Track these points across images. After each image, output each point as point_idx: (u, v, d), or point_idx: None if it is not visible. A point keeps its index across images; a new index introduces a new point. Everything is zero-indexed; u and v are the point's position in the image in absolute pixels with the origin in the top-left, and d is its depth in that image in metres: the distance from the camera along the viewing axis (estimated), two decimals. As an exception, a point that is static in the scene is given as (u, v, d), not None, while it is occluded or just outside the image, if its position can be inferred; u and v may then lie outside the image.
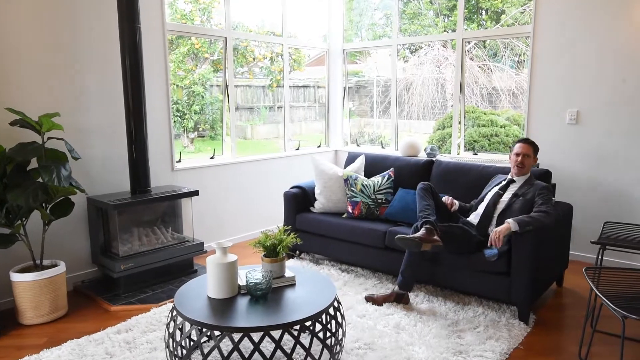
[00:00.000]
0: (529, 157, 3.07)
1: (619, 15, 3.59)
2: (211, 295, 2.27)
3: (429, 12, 6.06)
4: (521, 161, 3.06)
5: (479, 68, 5.88)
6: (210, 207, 4.31)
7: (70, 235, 3.42)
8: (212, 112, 6.63)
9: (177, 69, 6.57)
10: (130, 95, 3.36)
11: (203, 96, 6.78)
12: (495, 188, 3.17)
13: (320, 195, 3.90)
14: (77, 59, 3.35)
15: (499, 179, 3.27)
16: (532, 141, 3.11)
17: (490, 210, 3.08)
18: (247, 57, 6.42)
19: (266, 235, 2.43)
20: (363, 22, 5.85)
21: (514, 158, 3.10)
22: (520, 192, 3.04)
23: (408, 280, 3.06)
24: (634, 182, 3.67)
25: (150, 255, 3.38)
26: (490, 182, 3.33)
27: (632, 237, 2.49)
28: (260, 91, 6.69)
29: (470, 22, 5.76)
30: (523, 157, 3.07)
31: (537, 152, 3.13)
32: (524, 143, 3.10)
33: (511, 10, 5.49)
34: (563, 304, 3.17)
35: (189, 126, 7.08)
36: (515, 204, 3.01)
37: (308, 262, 3.93)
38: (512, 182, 3.13)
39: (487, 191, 3.25)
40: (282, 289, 2.39)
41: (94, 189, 3.50)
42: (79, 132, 3.40)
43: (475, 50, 5.72)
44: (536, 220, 2.78)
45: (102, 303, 3.18)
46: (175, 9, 6.07)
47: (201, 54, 6.71)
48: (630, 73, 3.61)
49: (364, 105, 6.12)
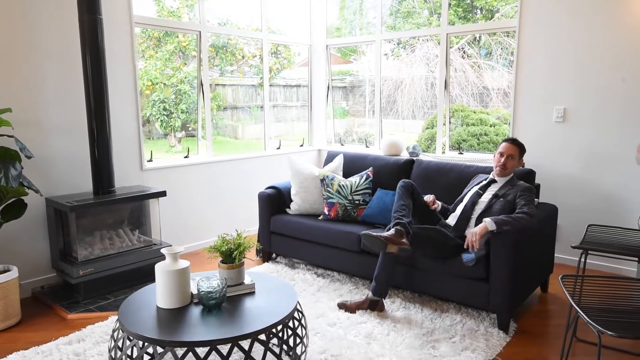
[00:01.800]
0: (513, 158, 2.90)
1: (607, 11, 3.43)
2: (160, 305, 2.09)
3: (423, 10, 5.90)
4: (504, 162, 2.90)
5: (470, 67, 5.73)
6: (183, 209, 4.13)
7: (28, 238, 3.23)
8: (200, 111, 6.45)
9: (164, 67, 6.40)
10: (91, 90, 3.18)
11: (190, 95, 6.61)
12: (475, 188, 3.01)
13: (296, 196, 3.73)
14: (33, 49, 3.16)
15: (479, 179, 3.11)
16: (520, 142, 2.94)
17: (468, 210, 2.91)
18: (237, 55, 6.25)
19: (223, 239, 2.26)
20: (357, 21, 5.69)
21: (498, 157, 2.94)
22: (501, 192, 2.88)
23: (382, 285, 2.89)
24: (622, 182, 3.50)
25: (112, 260, 3.20)
26: (471, 181, 3.17)
27: (615, 241, 2.33)
28: (252, 90, 6.52)
29: (465, 20, 5.61)
30: (507, 159, 2.90)
31: (523, 153, 2.96)
32: (510, 143, 2.93)
33: (504, 8, 5.34)
34: (547, 310, 3.00)
35: (176, 125, 6.90)
36: (495, 204, 2.85)
37: (283, 265, 3.75)
38: (493, 182, 2.97)
39: (466, 191, 3.08)
40: (239, 297, 2.21)
41: (55, 189, 3.32)
42: (37, 129, 3.22)
43: (467, 49, 5.57)
44: (516, 220, 2.62)
45: (58, 311, 3.00)
46: (162, 6, 5.90)
47: (188, 51, 6.53)
48: (620, 70, 3.44)
49: (358, 105, 5.96)
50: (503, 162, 2.89)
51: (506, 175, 2.94)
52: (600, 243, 2.30)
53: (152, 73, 5.34)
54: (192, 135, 7.17)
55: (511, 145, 2.92)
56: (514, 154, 2.90)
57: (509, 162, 2.90)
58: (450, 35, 4.41)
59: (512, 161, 2.90)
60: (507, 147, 2.92)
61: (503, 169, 2.90)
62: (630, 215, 3.48)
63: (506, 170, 2.91)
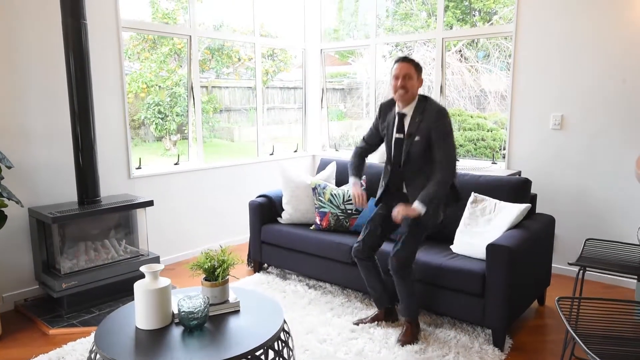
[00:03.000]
0: (410, 77, 2.58)
1: (607, 16, 3.35)
2: (140, 326, 2.00)
3: (421, 12, 5.83)
4: (402, 84, 2.57)
5: (467, 70, 5.64)
6: (173, 217, 4.04)
7: (10, 249, 3.14)
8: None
9: (159, 69, 6.31)
10: (75, 97, 3.09)
11: (185, 98, 6.52)
12: (393, 133, 2.70)
13: (288, 205, 3.64)
14: (14, 54, 3.07)
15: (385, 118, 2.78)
16: (412, 59, 2.63)
17: (398, 166, 2.69)
18: (233, 57, 6.17)
19: (207, 255, 2.17)
20: (355, 23, 5.61)
21: (394, 83, 2.61)
22: (414, 128, 2.60)
23: (379, 294, 2.84)
24: (621, 191, 3.42)
25: (97, 272, 3.11)
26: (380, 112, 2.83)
27: (614, 257, 2.25)
28: (249, 92, 6.44)
29: (464, 22, 5.54)
30: (404, 80, 2.57)
31: (420, 71, 2.64)
32: (402, 62, 2.60)
33: (502, 11, 5.27)
34: (544, 325, 2.92)
35: (171, 128, 6.81)
36: (412, 150, 2.60)
37: (274, 276, 3.66)
38: (404, 116, 2.65)
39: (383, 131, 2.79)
40: (223, 316, 2.12)
41: (38, 199, 3.23)
42: (18, 136, 3.12)
43: (465, 51, 5.49)
44: (435, 193, 2.51)
45: (40, 325, 2.90)
46: (157, 8, 5.81)
47: (184, 54, 6.45)
48: (618, 77, 3.36)
49: (355, 107, 5.87)
50: (401, 84, 2.57)
51: (409, 99, 2.61)
52: (598, 259, 2.21)
53: (147, 75, 5.25)
54: (187, 138, 7.09)
55: (404, 63, 2.59)
56: (409, 72, 2.58)
57: (408, 83, 2.57)
58: (446, 40, 4.32)
59: (410, 81, 2.58)
60: (400, 67, 2.59)
61: (404, 92, 2.57)
62: (630, 225, 3.39)
63: (407, 93, 2.58)
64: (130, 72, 4.80)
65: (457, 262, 2.74)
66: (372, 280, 2.85)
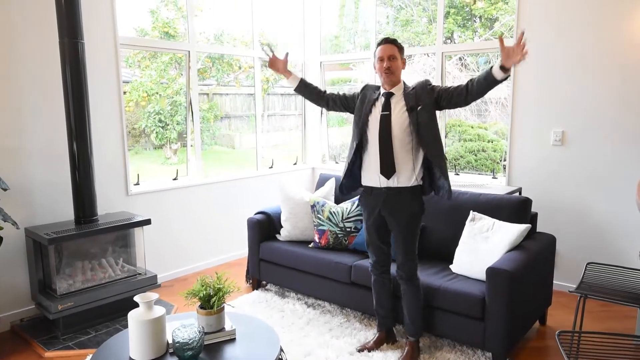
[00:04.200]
0: (395, 59, 2.53)
1: (605, 33, 3.33)
2: (133, 356, 1.97)
3: (422, 18, 5.82)
4: (388, 65, 2.52)
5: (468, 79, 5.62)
6: (170, 234, 4.01)
7: (7, 268, 3.12)
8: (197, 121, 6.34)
9: (160, 77, 6.31)
10: (72, 115, 3.07)
11: (185, 107, 6.51)
12: (375, 112, 2.59)
13: (287, 222, 3.62)
14: (11, 73, 3.06)
15: (365, 97, 2.69)
16: (394, 39, 2.58)
17: (388, 145, 2.51)
18: (233, 65, 6.16)
19: (202, 282, 2.14)
20: (355, 29, 5.59)
21: (379, 65, 2.55)
22: (412, 100, 2.52)
23: (386, 311, 2.82)
24: (623, 211, 3.39)
25: (94, 292, 3.08)
26: (362, 96, 2.72)
27: (615, 283, 2.22)
28: (249, 99, 6.43)
29: (465, 29, 5.52)
30: (389, 60, 2.52)
31: (402, 51, 2.60)
32: (385, 44, 2.55)
33: (504, 18, 5.25)
34: (545, 347, 2.88)
35: (172, 137, 6.80)
36: (420, 120, 2.49)
37: (273, 294, 3.63)
38: (391, 95, 2.57)
39: (358, 120, 2.69)
40: (218, 345, 2.09)
41: (34, 218, 3.21)
42: (14, 155, 3.11)
43: (466, 57, 5.47)
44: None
45: (36, 347, 2.88)
46: (157, 17, 5.81)
47: (184, 62, 6.45)
48: (621, 93, 3.34)
49: None
50: (387, 66, 2.52)
51: (396, 80, 2.57)
52: (599, 286, 2.18)
53: (148, 84, 5.26)
54: (187, 146, 7.07)
55: (387, 45, 2.54)
56: (393, 53, 2.53)
57: (393, 64, 2.52)
58: (445, 54, 4.31)
59: (395, 62, 2.53)
60: (384, 49, 2.54)
61: (390, 73, 2.52)
62: (631, 246, 3.36)
63: (394, 74, 2.54)
64: (131, 81, 4.79)
65: (457, 284, 2.71)
66: (383, 297, 2.79)
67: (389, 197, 2.56)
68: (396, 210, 2.56)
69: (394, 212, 2.57)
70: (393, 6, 5.24)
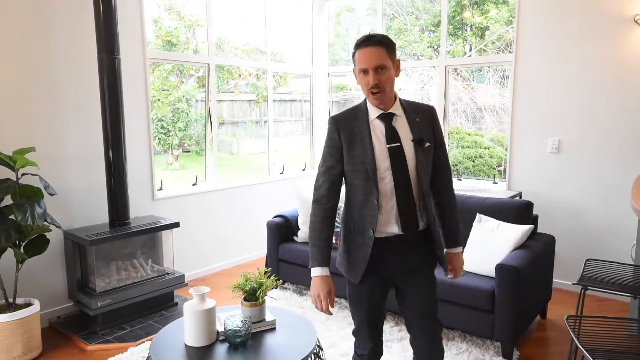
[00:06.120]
0: (385, 69, 1.72)
1: (600, 46, 3.64)
2: (188, 343, 2.21)
3: (415, 28, 6.10)
4: (377, 82, 1.72)
5: (463, 88, 5.92)
6: (192, 236, 4.25)
7: (45, 270, 3.32)
8: (197, 128, 6.57)
9: (162, 85, 6.52)
10: (109, 125, 3.30)
11: (187, 113, 6.73)
12: (378, 142, 1.79)
13: (304, 224, 3.86)
14: (51, 88, 3.29)
15: (352, 131, 1.82)
16: (380, 38, 1.74)
17: (408, 195, 1.79)
18: (234, 73, 6.41)
19: (246, 278, 2.38)
20: (350, 36, 5.86)
21: (362, 79, 1.76)
22: (419, 130, 1.82)
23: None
24: (616, 212, 3.69)
25: (128, 291, 3.30)
26: (344, 133, 1.82)
27: (614, 277, 2.50)
28: (246, 105, 6.67)
29: (456, 37, 5.80)
30: (377, 73, 1.72)
31: (394, 52, 1.77)
32: (368, 47, 1.72)
33: (495, 27, 5.56)
34: (547, 337, 3.16)
35: (174, 143, 7.01)
36: (427, 160, 1.83)
37: (292, 292, 3.87)
38: (392, 118, 1.81)
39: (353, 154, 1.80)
40: (261, 334, 2.33)
41: (72, 222, 3.42)
42: (55, 163, 3.33)
43: (460, 69, 5.77)
44: (456, 220, 1.99)
45: (77, 342, 3.09)
46: (160, 26, 6.04)
47: (186, 70, 6.68)
48: (612, 104, 3.65)
49: None
50: (373, 83, 1.72)
51: (389, 99, 1.80)
52: (598, 279, 2.47)
53: (150, 91, 5.51)
54: (187, 151, 7.28)
55: (371, 49, 1.71)
56: (382, 62, 1.71)
57: (383, 77, 1.72)
58: (449, 67, 4.60)
59: (386, 72, 1.73)
60: (367, 55, 1.71)
61: (380, 94, 1.75)
62: (624, 244, 3.66)
63: (386, 94, 1.76)
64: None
65: (468, 280, 2.98)
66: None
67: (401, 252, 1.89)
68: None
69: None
70: (386, 15, 5.50)
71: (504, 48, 5.46)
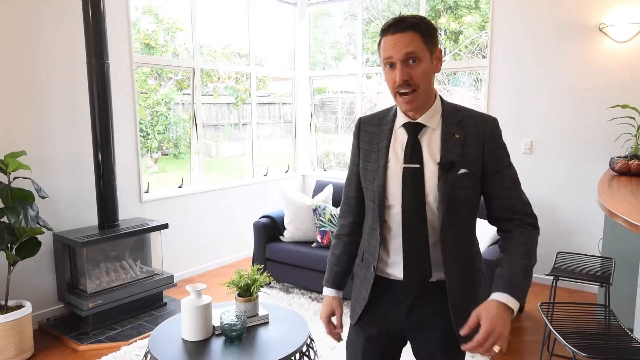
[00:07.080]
0: (418, 60, 1.29)
1: (569, 52, 3.87)
2: (186, 337, 2.30)
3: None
4: (404, 76, 1.29)
5: (439, 92, 6.10)
6: (179, 237, 4.31)
7: (36, 272, 3.35)
8: (177, 131, 6.61)
9: (140, 88, 6.54)
10: (98, 129, 3.35)
11: (167, 116, 6.76)
12: (395, 159, 1.39)
13: (290, 224, 3.98)
14: (41, 92, 3.32)
15: (372, 139, 1.46)
16: (415, 21, 1.29)
17: (419, 235, 1.37)
18: (212, 76, 6.47)
19: (240, 274, 2.48)
20: (327, 40, 5.99)
21: (389, 75, 1.32)
22: (454, 151, 1.35)
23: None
24: (584, 209, 3.92)
25: (119, 291, 3.35)
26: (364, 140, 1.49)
27: (582, 268, 2.69)
28: (225, 108, 6.74)
29: None
30: (407, 67, 1.29)
31: (434, 40, 1.33)
32: (396, 32, 1.28)
33: (469, 31, 5.77)
34: (522, 327, 3.35)
35: (153, 146, 7.02)
36: (456, 192, 1.34)
37: (278, 290, 3.98)
38: (420, 131, 1.38)
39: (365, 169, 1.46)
40: (255, 327, 2.44)
41: (61, 224, 3.46)
42: (45, 166, 3.36)
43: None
44: (531, 264, 1.45)
45: (69, 342, 3.13)
46: (138, 29, 6.07)
47: (165, 73, 6.71)
48: (579, 108, 3.88)
49: (328, 122, 6.23)
50: (400, 80, 1.29)
51: (423, 101, 1.36)
52: (568, 270, 2.66)
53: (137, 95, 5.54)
54: (165, 154, 7.30)
55: (401, 35, 1.28)
56: (414, 50, 1.27)
57: (416, 71, 1.29)
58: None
59: (420, 66, 1.29)
60: (395, 42, 1.28)
61: (411, 96, 1.31)
62: (591, 238, 3.90)
63: (419, 96, 1.32)
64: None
65: (448, 274, 3.14)
66: None
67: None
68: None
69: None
70: (363, 19, 5.65)
71: (477, 52, 5.69)
